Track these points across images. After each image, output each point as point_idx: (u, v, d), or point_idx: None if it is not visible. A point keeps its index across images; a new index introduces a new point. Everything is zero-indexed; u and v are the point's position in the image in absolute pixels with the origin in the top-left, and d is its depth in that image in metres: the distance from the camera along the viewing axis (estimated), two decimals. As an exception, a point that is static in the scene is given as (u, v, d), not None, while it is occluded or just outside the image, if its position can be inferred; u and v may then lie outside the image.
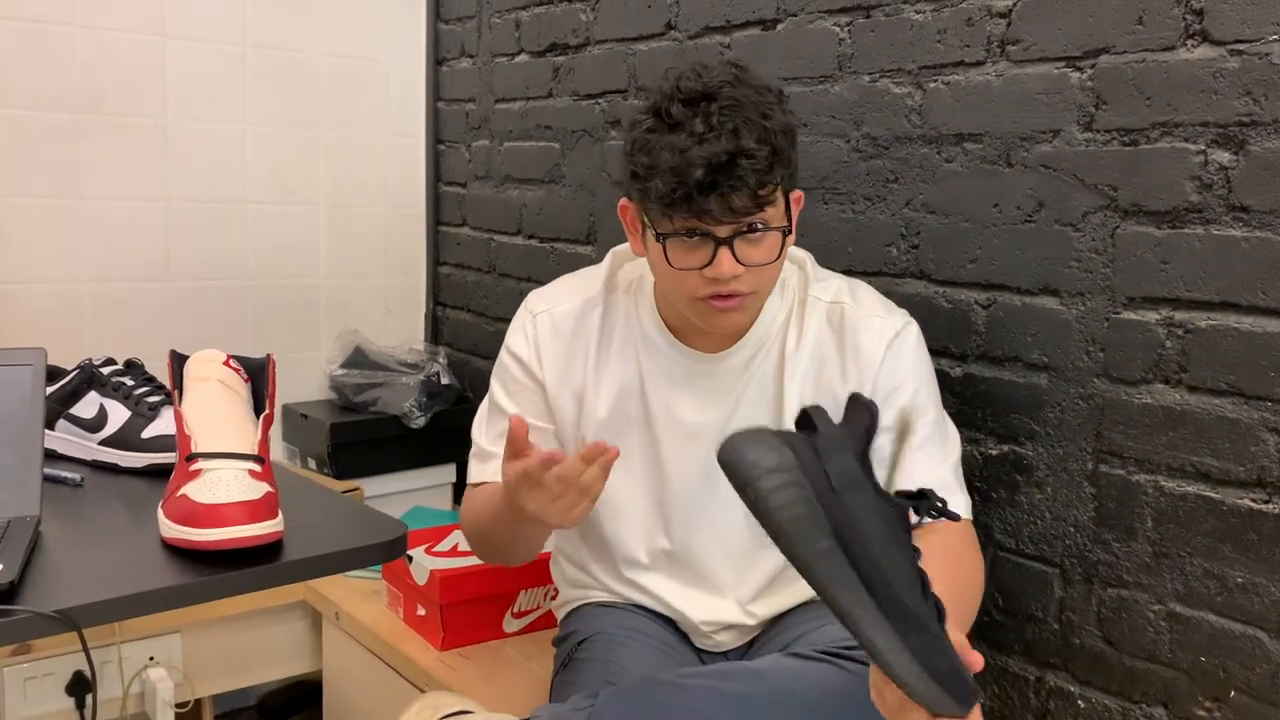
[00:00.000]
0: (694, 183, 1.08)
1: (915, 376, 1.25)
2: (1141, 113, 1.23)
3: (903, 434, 1.21)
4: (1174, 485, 1.23)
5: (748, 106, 1.11)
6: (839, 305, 1.26)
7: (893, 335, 1.24)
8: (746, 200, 1.10)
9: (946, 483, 1.22)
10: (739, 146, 1.08)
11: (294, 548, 1.06)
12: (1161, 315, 1.23)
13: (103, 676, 1.77)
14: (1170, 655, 1.24)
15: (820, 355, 1.25)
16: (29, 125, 2.01)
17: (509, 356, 1.35)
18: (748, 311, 1.20)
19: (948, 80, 1.42)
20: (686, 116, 1.11)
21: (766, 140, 1.10)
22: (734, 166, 1.08)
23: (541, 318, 1.33)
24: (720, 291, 1.15)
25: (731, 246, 1.13)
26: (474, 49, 2.34)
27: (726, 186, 1.09)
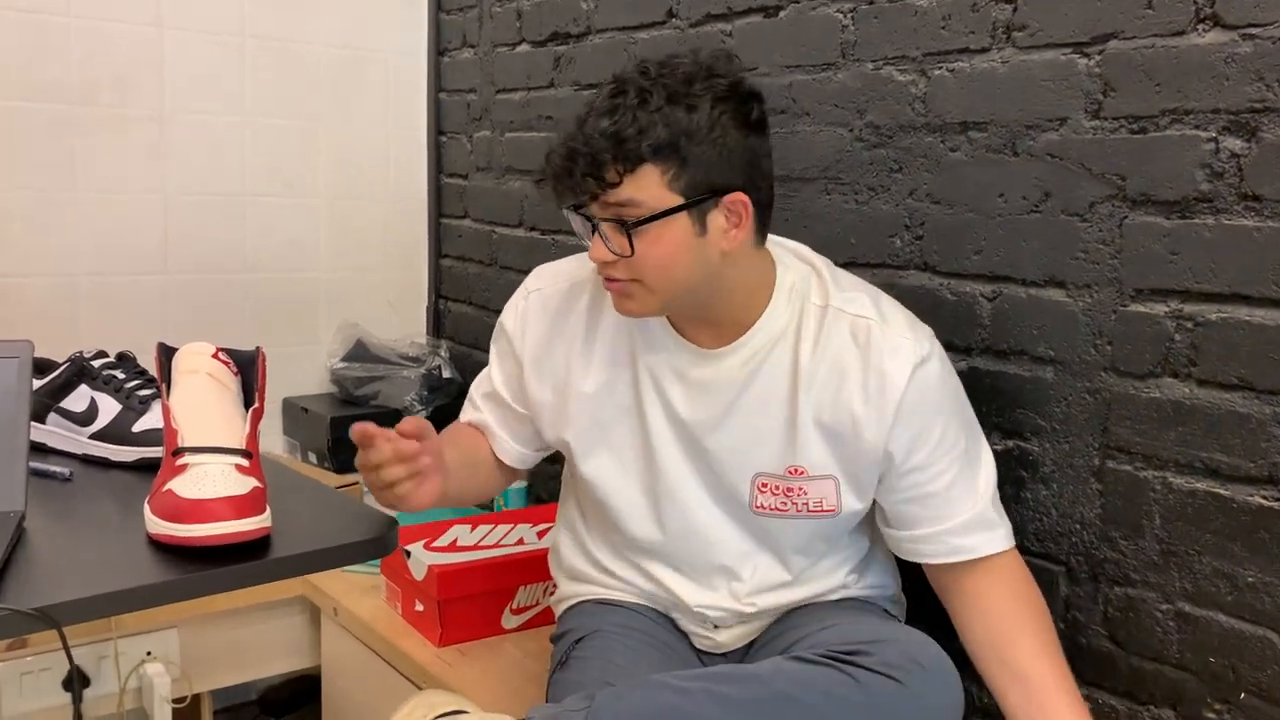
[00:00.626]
0: (557, 156, 1.12)
1: (943, 409, 1.21)
2: (1151, 100, 1.20)
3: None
4: (1183, 482, 1.20)
5: (646, 93, 1.09)
6: (865, 321, 1.21)
7: (918, 362, 1.19)
8: (592, 185, 1.10)
9: (986, 518, 1.22)
10: (599, 126, 1.09)
11: (281, 544, 1.04)
12: (1170, 307, 1.20)
13: (99, 672, 1.76)
14: (1179, 656, 1.22)
15: (841, 369, 1.20)
16: (25, 117, 2.00)
17: (500, 326, 1.37)
18: (639, 302, 1.16)
19: (952, 67, 1.39)
20: (594, 99, 1.13)
21: (626, 118, 1.08)
22: (575, 151, 1.10)
23: (534, 296, 1.34)
24: (605, 275, 1.16)
25: (599, 230, 1.13)
26: (475, 39, 2.32)
27: (571, 165, 1.10)
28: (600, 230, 1.12)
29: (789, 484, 1.22)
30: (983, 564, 1.22)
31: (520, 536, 1.81)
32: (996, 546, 1.22)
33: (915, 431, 1.19)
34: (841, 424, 1.20)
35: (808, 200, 1.58)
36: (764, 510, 1.24)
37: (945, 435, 1.20)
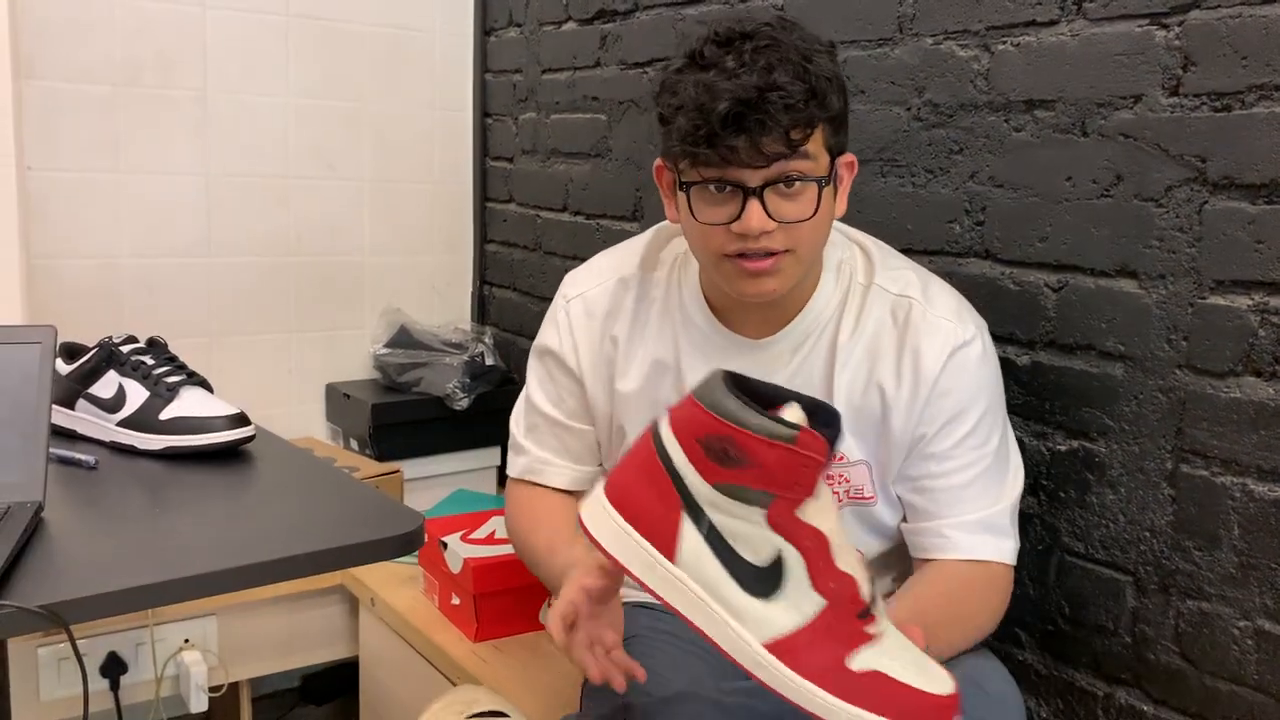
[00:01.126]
0: (718, 118, 0.98)
1: (980, 399, 1.13)
2: (1236, 75, 1.10)
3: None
4: (1265, 489, 1.11)
5: (787, 47, 1.01)
6: (907, 300, 1.14)
7: (957, 345, 1.12)
8: (778, 143, 1.00)
9: (997, 525, 1.13)
10: (770, 81, 0.98)
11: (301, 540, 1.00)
12: (1254, 300, 1.10)
13: (136, 658, 1.76)
14: (1257, 677, 1.13)
15: (876, 348, 1.14)
16: (67, 98, 1.99)
17: (543, 351, 1.29)
18: (783, 277, 1.08)
19: (1017, 41, 1.30)
20: (719, 55, 1.01)
21: (803, 79, 1.00)
22: (764, 102, 0.98)
23: (575, 304, 1.27)
24: (750, 249, 1.04)
25: (762, 198, 1.02)
26: (521, 17, 2.26)
27: (754, 122, 0.98)
28: (762, 196, 1.03)
29: (830, 471, 1.16)
30: (975, 566, 1.13)
31: (560, 530, 1.76)
32: (1000, 556, 1.13)
33: (945, 419, 1.12)
34: (871, 406, 1.13)
35: (862, 183, 1.50)
36: None
37: (976, 429, 1.13)
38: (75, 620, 0.90)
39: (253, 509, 1.20)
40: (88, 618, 0.92)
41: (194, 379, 1.35)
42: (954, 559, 1.13)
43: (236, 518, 1.15)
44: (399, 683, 1.81)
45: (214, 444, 1.27)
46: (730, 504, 0.81)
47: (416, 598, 1.79)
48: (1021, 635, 1.36)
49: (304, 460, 1.35)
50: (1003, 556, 1.14)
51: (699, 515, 0.82)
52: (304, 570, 0.97)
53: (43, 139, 1.97)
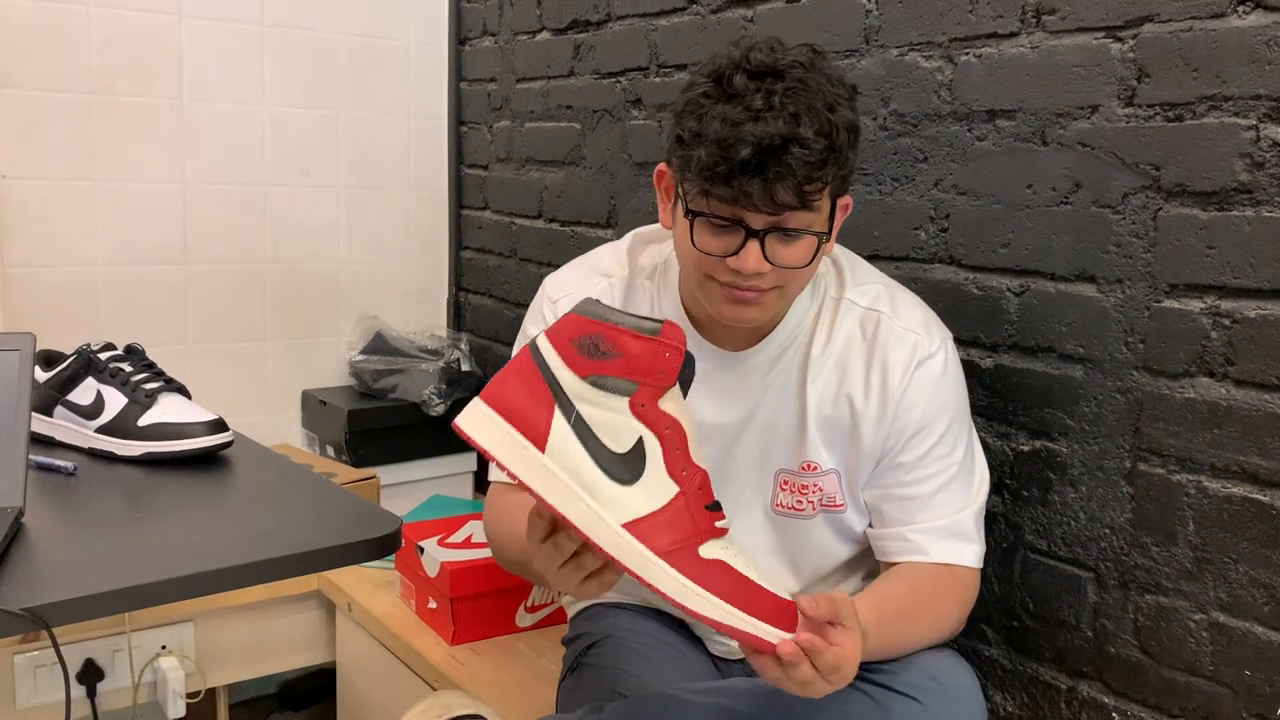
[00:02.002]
0: (739, 160, 0.98)
1: (945, 411, 1.16)
2: (1187, 86, 1.14)
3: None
4: (1218, 486, 1.14)
5: (815, 94, 1.01)
6: (875, 313, 1.17)
7: (923, 357, 1.14)
8: (790, 194, 1.00)
9: (963, 530, 1.15)
10: (795, 133, 0.98)
11: (276, 544, 1.02)
12: (1207, 304, 1.14)
13: (113, 665, 1.76)
14: (1213, 668, 1.16)
15: (846, 361, 1.17)
16: (44, 106, 1.99)
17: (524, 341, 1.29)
18: (765, 309, 1.10)
19: (980, 53, 1.34)
20: (747, 89, 1.01)
21: (826, 134, 1.00)
22: (785, 153, 0.98)
23: (562, 303, 1.25)
24: (741, 284, 1.06)
25: (763, 241, 1.03)
26: (495, 27, 2.28)
27: (772, 173, 0.99)
28: (763, 240, 1.03)
29: (804, 480, 1.18)
30: (939, 570, 1.14)
31: (536, 533, 1.78)
32: (963, 560, 1.15)
33: (911, 432, 1.14)
34: (841, 417, 1.16)
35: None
36: (782, 510, 1.20)
37: (942, 441, 1.15)
38: (57, 623, 0.91)
39: (231, 513, 1.21)
40: (69, 620, 0.93)
41: (172, 385, 1.36)
42: (919, 561, 1.15)
43: (215, 522, 1.16)
44: (376, 687, 1.82)
45: (192, 449, 1.28)
46: (597, 394, 0.89)
47: (393, 602, 1.81)
48: (987, 631, 1.39)
49: (281, 465, 1.36)
50: (966, 560, 1.15)
51: (568, 407, 0.89)
52: (283, 572, 0.99)
53: (18, 148, 1.97)
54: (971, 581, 1.17)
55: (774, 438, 1.19)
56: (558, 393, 0.90)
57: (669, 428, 0.89)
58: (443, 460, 2.27)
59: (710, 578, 0.87)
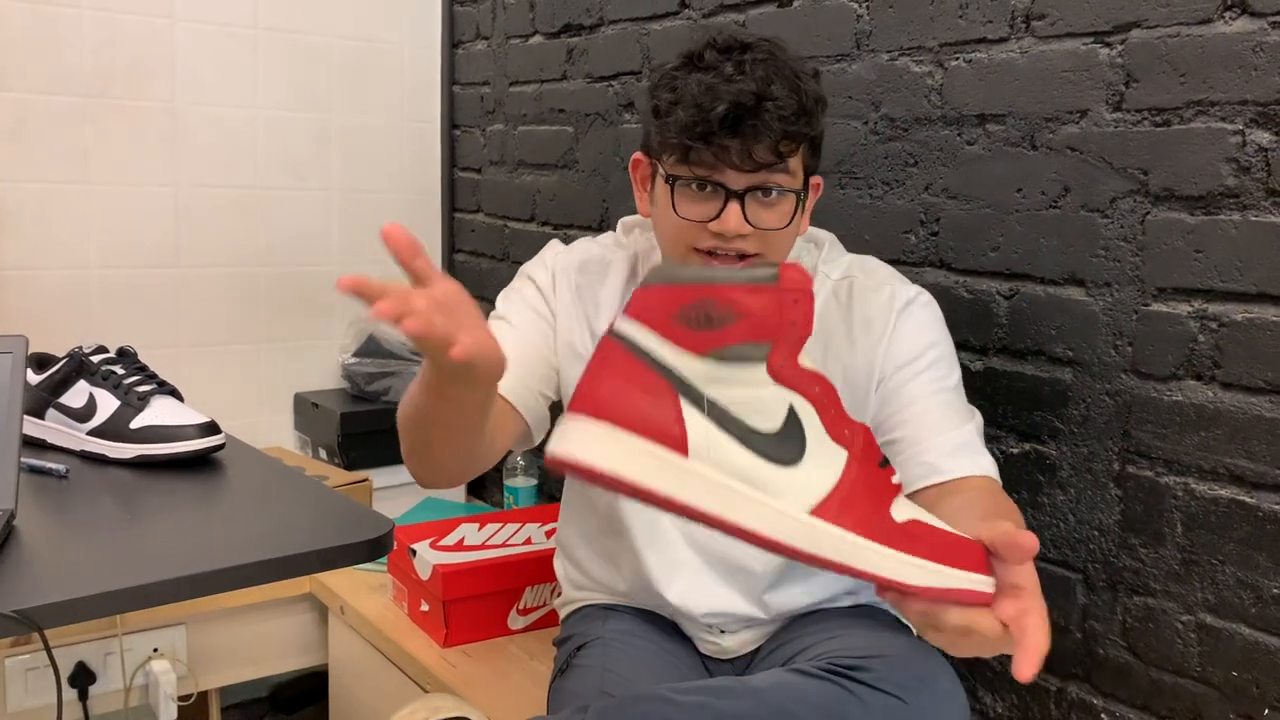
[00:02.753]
0: (716, 116, 1.03)
1: (936, 341, 1.17)
2: (1175, 91, 1.15)
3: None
4: (1205, 488, 1.15)
5: (782, 63, 1.07)
6: (848, 279, 1.20)
7: (904, 303, 1.17)
8: (767, 151, 1.05)
9: (971, 443, 1.13)
10: (767, 91, 1.04)
11: (268, 547, 1.02)
12: (1194, 307, 1.15)
13: (104, 668, 1.76)
14: (1200, 669, 1.17)
15: (825, 329, 1.19)
16: (37, 109, 1.99)
17: (523, 280, 1.28)
18: None
19: (970, 58, 1.35)
20: (718, 60, 1.06)
21: (796, 92, 1.05)
22: (760, 109, 1.03)
23: (563, 256, 1.28)
24: (722, 248, 1.09)
25: (743, 202, 1.07)
26: (488, 30, 2.29)
27: (749, 127, 1.03)
28: (743, 200, 1.07)
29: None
30: (962, 484, 1.10)
31: (529, 536, 1.78)
32: (984, 469, 1.11)
33: (902, 359, 1.14)
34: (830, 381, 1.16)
35: (822, 195, 1.54)
36: None
37: (934, 366, 1.15)
38: (49, 625, 0.92)
39: (223, 516, 1.21)
40: (61, 623, 0.93)
41: (164, 388, 1.36)
42: (942, 482, 1.10)
43: (207, 525, 1.16)
44: (369, 690, 1.82)
45: (184, 452, 1.29)
46: (727, 369, 0.71)
47: (386, 605, 1.81)
48: (977, 633, 1.39)
49: (274, 468, 1.36)
50: (986, 470, 1.11)
51: (697, 395, 0.71)
52: (274, 575, 0.99)
53: (11, 150, 1.97)
54: (999, 487, 1.13)
55: None
56: (678, 381, 0.71)
57: (818, 385, 0.74)
58: (435, 463, 2.26)
59: (916, 541, 0.72)
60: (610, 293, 1.26)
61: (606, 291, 1.26)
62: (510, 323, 1.25)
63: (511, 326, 1.25)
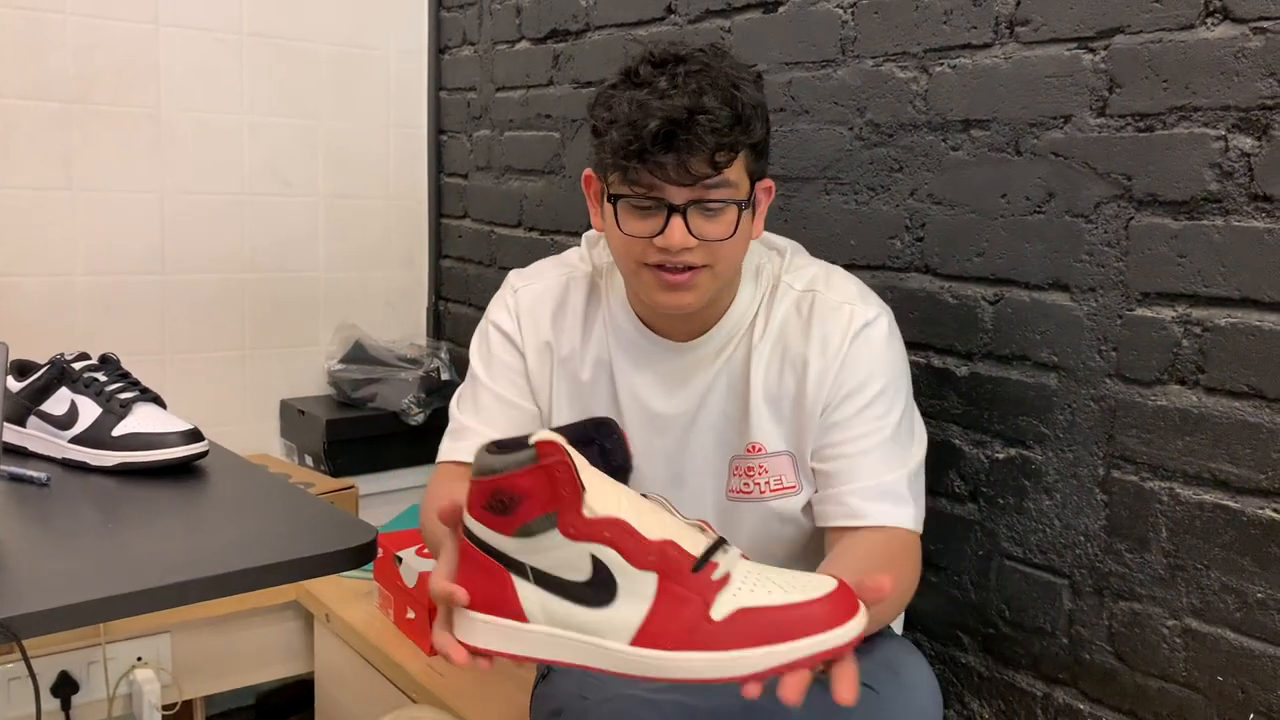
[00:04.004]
0: (649, 134, 1.02)
1: (883, 373, 1.16)
2: (1158, 96, 1.15)
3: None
4: (1190, 493, 1.15)
5: (717, 73, 1.06)
6: (810, 293, 1.19)
7: (861, 325, 1.16)
8: (703, 164, 1.04)
9: (895, 491, 1.14)
10: (699, 104, 1.03)
11: (250, 554, 1.01)
12: (1178, 312, 1.15)
13: (88, 677, 1.74)
14: (1185, 674, 1.17)
15: (784, 342, 1.18)
16: (19, 115, 1.98)
17: (490, 327, 1.29)
18: (699, 291, 1.11)
19: (954, 64, 1.35)
20: (653, 75, 1.06)
21: (730, 103, 1.05)
22: (692, 124, 1.02)
23: (523, 292, 1.28)
24: (669, 262, 1.09)
25: (685, 215, 1.07)
26: (475, 36, 2.29)
27: (682, 142, 1.03)
28: (685, 214, 1.07)
29: (749, 463, 1.19)
30: (877, 533, 1.12)
31: (515, 542, 1.77)
32: (899, 521, 1.12)
33: (848, 389, 1.14)
34: (787, 390, 1.17)
35: (806, 200, 1.54)
36: (734, 495, 1.21)
37: (877, 401, 1.15)
38: (28, 635, 0.91)
39: (206, 524, 1.20)
40: (41, 632, 0.93)
41: (147, 395, 1.35)
42: (855, 526, 1.13)
43: (190, 533, 1.16)
44: (354, 698, 1.81)
45: (167, 460, 1.28)
46: (532, 541, 0.83)
47: (372, 613, 1.80)
48: (963, 638, 1.39)
49: (257, 475, 1.35)
50: (901, 522, 1.12)
51: (520, 568, 0.84)
52: (256, 583, 0.99)
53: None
54: (913, 544, 1.15)
55: (726, 425, 1.20)
56: (504, 559, 0.84)
57: (607, 529, 0.83)
58: (422, 470, 2.26)
59: (741, 634, 0.80)
60: (573, 312, 1.25)
61: (569, 311, 1.25)
62: (487, 387, 1.26)
63: (490, 392, 1.26)
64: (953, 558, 1.39)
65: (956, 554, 1.39)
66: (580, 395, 1.25)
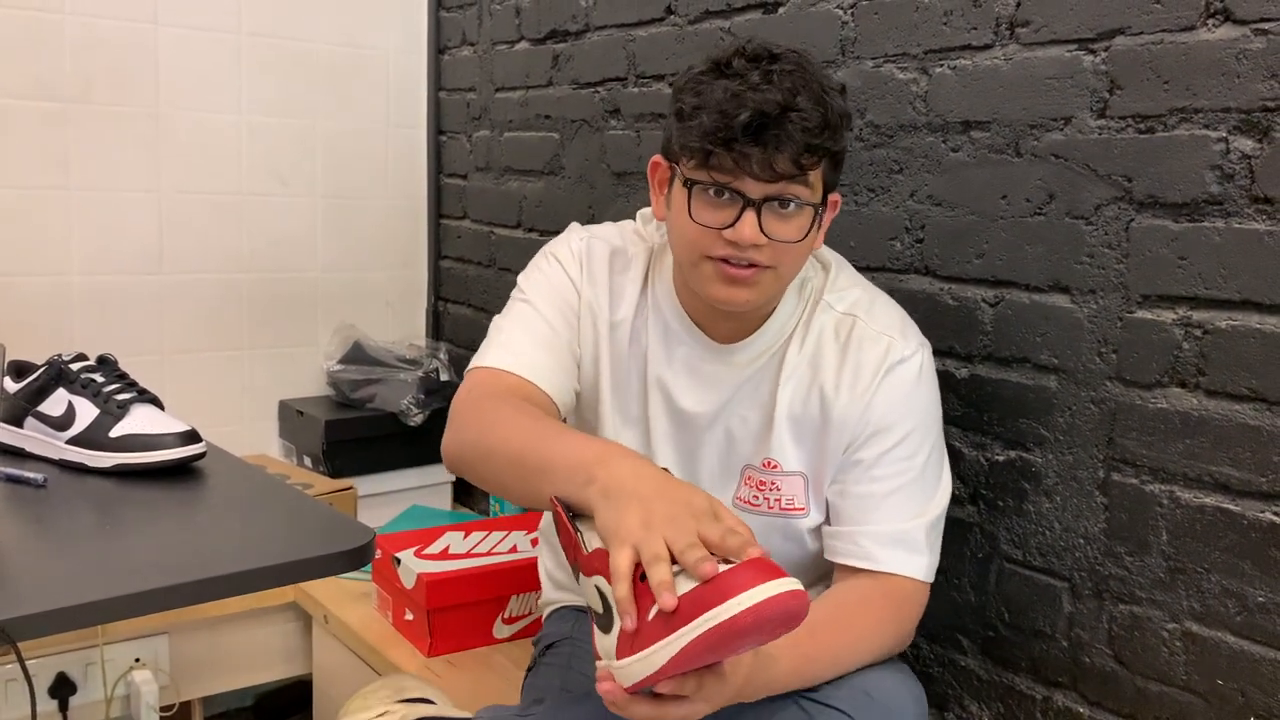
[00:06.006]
0: (740, 124, 1.02)
1: (911, 415, 1.15)
2: (1159, 98, 1.15)
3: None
4: (1190, 496, 1.15)
5: (810, 75, 1.06)
6: (850, 318, 1.18)
7: (896, 361, 1.15)
8: (788, 162, 1.04)
9: (912, 539, 1.13)
10: (792, 101, 1.03)
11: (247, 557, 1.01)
12: (1178, 314, 1.15)
13: (85, 679, 1.74)
14: (1185, 678, 1.17)
15: (818, 363, 1.17)
16: (18, 114, 1.98)
17: (551, 260, 1.24)
18: (758, 290, 1.10)
19: (954, 65, 1.34)
20: (746, 69, 1.06)
21: (822, 105, 1.05)
22: (784, 120, 1.02)
23: (592, 243, 1.25)
24: (735, 257, 1.07)
25: (759, 211, 1.06)
26: (474, 36, 2.28)
27: (771, 136, 1.02)
28: (760, 210, 1.06)
29: (763, 477, 1.19)
30: (886, 580, 1.13)
31: (514, 544, 1.77)
32: (910, 571, 1.13)
33: (874, 428, 1.14)
34: (812, 414, 1.16)
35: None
36: (741, 503, 1.21)
37: (904, 442, 1.14)
38: (23, 637, 0.90)
39: (203, 526, 1.20)
40: (36, 634, 0.92)
41: (144, 396, 1.35)
42: (863, 568, 1.13)
43: (187, 534, 1.15)
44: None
45: (164, 461, 1.27)
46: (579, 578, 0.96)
47: (370, 614, 1.79)
48: (963, 641, 1.39)
49: (255, 476, 1.35)
50: (911, 572, 1.13)
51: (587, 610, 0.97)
52: (253, 585, 0.98)
53: (-9, 156, 1.96)
54: (916, 595, 1.15)
55: (744, 433, 1.20)
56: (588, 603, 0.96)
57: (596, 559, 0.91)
58: (421, 471, 2.26)
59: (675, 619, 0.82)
60: (631, 282, 1.23)
61: (629, 281, 1.23)
62: (539, 311, 1.21)
63: (540, 316, 1.21)
64: (952, 560, 1.39)
65: (956, 556, 1.38)
66: (619, 366, 1.23)
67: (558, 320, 1.21)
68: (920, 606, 1.16)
